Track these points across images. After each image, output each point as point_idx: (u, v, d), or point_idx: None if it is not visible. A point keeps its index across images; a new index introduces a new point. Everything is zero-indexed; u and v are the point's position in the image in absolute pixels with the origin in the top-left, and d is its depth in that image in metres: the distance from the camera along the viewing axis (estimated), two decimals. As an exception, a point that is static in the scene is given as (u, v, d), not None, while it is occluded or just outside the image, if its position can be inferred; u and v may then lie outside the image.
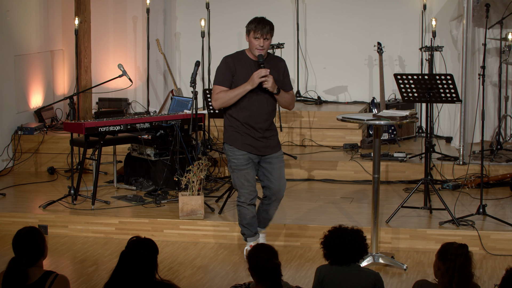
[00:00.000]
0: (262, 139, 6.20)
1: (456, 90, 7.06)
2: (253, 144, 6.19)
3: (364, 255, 4.64)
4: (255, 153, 6.21)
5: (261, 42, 6.03)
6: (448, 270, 4.10)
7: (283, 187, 6.35)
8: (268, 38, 6.05)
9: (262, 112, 6.16)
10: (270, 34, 6.08)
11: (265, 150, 6.23)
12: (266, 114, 6.19)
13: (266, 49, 6.10)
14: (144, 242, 4.04)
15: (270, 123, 6.26)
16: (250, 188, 6.24)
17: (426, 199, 7.38)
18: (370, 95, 10.40)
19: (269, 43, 6.07)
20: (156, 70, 10.92)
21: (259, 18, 6.13)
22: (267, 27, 6.05)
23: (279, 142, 6.37)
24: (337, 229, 4.57)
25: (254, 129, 6.18)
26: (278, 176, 6.28)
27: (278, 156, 6.29)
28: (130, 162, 8.49)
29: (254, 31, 6.04)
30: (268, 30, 6.05)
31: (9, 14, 9.43)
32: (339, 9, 10.68)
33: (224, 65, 6.16)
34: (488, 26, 8.97)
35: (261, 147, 6.21)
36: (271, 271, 4.10)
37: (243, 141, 6.19)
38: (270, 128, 6.26)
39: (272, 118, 6.28)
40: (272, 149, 6.27)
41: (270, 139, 6.25)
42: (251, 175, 6.23)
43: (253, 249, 4.21)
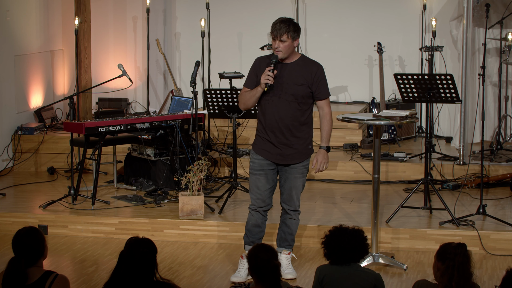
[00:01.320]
0: (281, 146, 5.93)
1: (456, 90, 7.06)
2: (270, 150, 5.97)
3: (365, 256, 4.63)
4: (272, 160, 5.98)
5: (276, 43, 5.84)
6: (447, 269, 4.10)
7: (295, 198, 6.06)
8: (284, 40, 5.80)
9: (281, 118, 5.91)
10: (288, 36, 5.79)
11: (282, 158, 5.96)
12: (286, 120, 5.89)
13: (284, 51, 5.82)
14: (142, 241, 4.05)
15: (295, 129, 5.93)
16: (258, 196, 6.07)
17: (426, 199, 7.38)
18: (370, 95, 10.40)
19: (287, 45, 5.80)
20: (156, 70, 10.92)
21: (280, 19, 5.91)
22: (282, 29, 5.81)
23: (303, 153, 6.00)
24: (338, 229, 4.57)
25: (274, 134, 5.94)
26: (290, 186, 6.03)
27: (295, 167, 5.99)
28: (130, 162, 8.49)
29: (271, 32, 5.88)
30: (284, 31, 5.80)
31: (9, 14, 9.43)
32: (339, 9, 10.68)
33: (252, 65, 6.03)
34: (488, 26, 8.97)
35: (277, 154, 5.96)
36: (271, 271, 4.11)
37: (261, 146, 6.01)
38: (295, 136, 5.94)
39: (297, 125, 5.92)
40: (291, 159, 5.97)
41: (291, 147, 5.94)
42: (262, 182, 6.03)
43: (253, 249, 4.21)
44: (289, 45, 5.84)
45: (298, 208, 6.14)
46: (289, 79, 5.89)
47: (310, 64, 5.99)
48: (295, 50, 5.99)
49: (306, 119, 5.97)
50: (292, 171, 6.01)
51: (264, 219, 6.16)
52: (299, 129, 5.95)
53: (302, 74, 5.91)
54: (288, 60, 5.93)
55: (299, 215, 6.18)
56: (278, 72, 5.90)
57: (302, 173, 6.05)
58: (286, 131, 5.93)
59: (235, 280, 6.11)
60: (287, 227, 6.16)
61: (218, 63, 10.15)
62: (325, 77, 6.07)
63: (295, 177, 6.03)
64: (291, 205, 6.09)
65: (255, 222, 6.13)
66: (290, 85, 5.87)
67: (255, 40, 10.54)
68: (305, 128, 5.99)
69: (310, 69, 5.94)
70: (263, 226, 6.18)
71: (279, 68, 5.91)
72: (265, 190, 6.04)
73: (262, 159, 6.01)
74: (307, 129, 6.01)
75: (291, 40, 5.84)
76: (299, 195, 6.10)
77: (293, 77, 5.90)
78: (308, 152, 6.04)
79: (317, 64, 6.02)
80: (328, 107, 6.04)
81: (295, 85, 5.88)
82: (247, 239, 6.19)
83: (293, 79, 5.89)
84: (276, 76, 5.87)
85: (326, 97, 6.02)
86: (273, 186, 6.11)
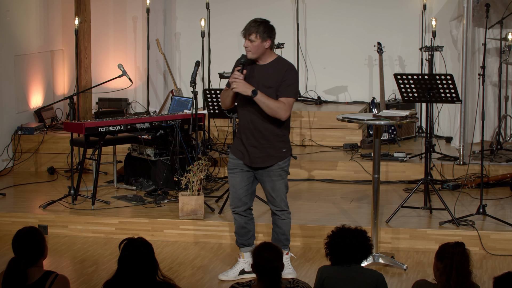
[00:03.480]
0: (251, 148, 5.88)
1: (456, 90, 7.06)
2: (243, 151, 5.94)
3: (368, 256, 4.60)
4: (245, 162, 5.94)
5: (245, 42, 5.79)
6: (445, 268, 4.10)
7: (278, 200, 5.99)
8: (253, 40, 5.76)
9: (252, 120, 5.85)
10: (256, 36, 5.74)
11: (254, 160, 5.89)
12: (256, 123, 5.84)
13: (253, 51, 5.77)
14: (140, 242, 4.02)
15: (266, 132, 5.85)
16: (233, 194, 6.05)
17: (426, 199, 7.38)
18: (370, 95, 10.40)
19: (256, 45, 5.74)
20: (156, 70, 10.92)
21: (254, 19, 5.88)
22: (251, 28, 5.76)
23: (275, 156, 5.90)
24: (340, 229, 4.55)
25: (246, 136, 5.91)
26: (268, 188, 5.97)
27: (271, 170, 5.91)
28: (130, 162, 8.49)
29: (242, 31, 5.85)
30: (253, 31, 5.75)
31: (9, 14, 9.43)
32: (339, 9, 10.68)
33: (234, 65, 6.03)
34: (488, 26, 8.97)
35: (248, 156, 5.89)
36: (271, 271, 4.12)
37: (236, 147, 6.01)
38: (266, 139, 5.86)
39: (267, 128, 5.84)
40: (262, 162, 5.90)
41: (261, 150, 5.87)
42: (236, 181, 6.00)
43: (259, 247, 4.24)
44: (258, 46, 5.77)
45: (285, 207, 6.06)
46: (259, 81, 5.82)
47: (282, 67, 5.87)
48: (270, 51, 5.88)
49: (278, 122, 5.85)
50: (268, 173, 5.93)
51: (247, 219, 6.12)
52: (270, 132, 5.87)
53: (272, 77, 5.82)
54: (262, 62, 5.88)
55: (290, 215, 6.12)
56: (250, 73, 5.85)
57: (280, 175, 5.94)
58: (257, 134, 5.87)
59: (222, 278, 6.15)
60: (278, 227, 6.12)
61: (218, 63, 10.15)
62: (295, 80, 5.89)
63: (272, 180, 5.94)
64: (276, 206, 6.04)
65: (238, 224, 6.14)
66: (260, 87, 5.79)
67: (255, 40, 10.52)
68: (278, 131, 5.88)
69: (280, 71, 5.83)
70: (249, 226, 6.16)
71: (252, 69, 5.86)
72: (240, 188, 6.01)
73: (236, 158, 5.99)
74: (280, 132, 5.89)
75: (260, 41, 5.76)
76: (282, 197, 6.02)
77: (263, 79, 5.83)
78: (282, 155, 5.92)
79: (289, 66, 5.91)
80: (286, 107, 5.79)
81: (264, 87, 5.80)
82: (237, 242, 6.22)
83: (263, 81, 5.82)
84: (247, 76, 5.83)
85: (284, 96, 5.80)
86: (249, 185, 6.03)
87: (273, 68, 5.86)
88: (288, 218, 6.12)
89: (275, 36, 5.91)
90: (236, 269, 6.17)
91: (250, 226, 6.16)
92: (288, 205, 6.10)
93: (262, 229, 7.04)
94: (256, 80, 5.83)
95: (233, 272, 6.17)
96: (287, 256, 6.18)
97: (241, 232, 6.16)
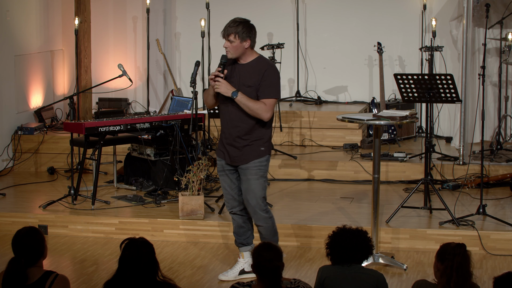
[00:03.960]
0: (229, 146, 5.89)
1: (456, 90, 7.06)
2: (224, 151, 5.95)
3: (368, 256, 4.58)
4: (227, 161, 5.94)
5: (225, 43, 5.79)
6: (446, 269, 4.10)
7: (252, 202, 5.90)
8: (232, 40, 5.73)
9: (231, 119, 5.84)
10: (235, 36, 5.73)
11: (233, 159, 5.89)
12: (234, 121, 5.83)
13: (233, 51, 5.77)
14: (140, 242, 4.02)
15: (244, 130, 5.83)
16: (228, 196, 6.05)
17: (426, 199, 7.38)
18: (370, 95, 10.40)
19: (235, 46, 5.74)
20: (156, 70, 10.92)
21: (233, 19, 5.86)
22: (230, 29, 5.76)
23: (252, 154, 5.86)
24: (341, 229, 4.56)
25: (225, 135, 5.92)
26: (243, 188, 5.93)
27: (247, 168, 5.86)
28: (130, 162, 8.49)
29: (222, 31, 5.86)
30: (231, 31, 5.73)
31: (9, 14, 9.43)
32: (339, 9, 10.68)
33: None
34: (488, 26, 8.97)
35: (227, 154, 5.90)
36: (271, 271, 4.12)
37: (219, 147, 6.03)
38: (244, 138, 5.84)
39: (245, 127, 5.83)
40: (239, 160, 5.88)
41: (239, 149, 5.86)
42: (227, 182, 6.00)
43: (259, 247, 4.24)
44: (237, 46, 5.76)
45: (261, 212, 5.95)
46: (239, 80, 5.83)
47: (262, 66, 5.84)
48: (251, 51, 5.85)
49: (257, 121, 5.82)
50: (245, 172, 5.90)
51: (246, 217, 6.10)
52: (248, 131, 5.84)
53: (251, 76, 5.81)
54: (242, 61, 5.87)
55: (269, 218, 5.99)
56: (232, 72, 5.85)
57: (256, 174, 5.88)
58: (235, 132, 5.86)
59: (222, 278, 6.14)
60: (260, 233, 6.08)
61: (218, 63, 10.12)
62: (275, 79, 5.86)
63: (248, 179, 5.89)
64: (250, 210, 5.96)
65: (237, 224, 6.14)
66: (240, 86, 5.80)
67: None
68: (256, 130, 5.86)
69: (260, 71, 5.81)
70: (247, 225, 6.15)
71: (233, 69, 5.87)
72: (233, 188, 6.00)
73: (220, 159, 6.01)
74: (258, 131, 5.87)
75: (239, 41, 5.74)
76: (258, 199, 5.91)
77: (243, 78, 5.83)
78: (260, 154, 5.87)
79: (269, 65, 5.86)
80: (266, 108, 5.78)
81: (244, 87, 5.80)
82: (236, 242, 6.22)
83: (243, 80, 5.83)
84: (228, 76, 5.84)
85: (265, 97, 5.79)
86: (239, 185, 6.02)
87: (254, 67, 5.85)
88: (267, 223, 6.00)
89: (255, 35, 5.87)
90: (236, 269, 6.18)
91: (248, 225, 6.16)
92: (267, 209, 5.98)
93: (262, 229, 7.04)
94: (237, 79, 5.84)
95: (233, 272, 6.18)
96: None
97: (239, 231, 6.16)
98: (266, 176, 5.98)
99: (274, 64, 5.96)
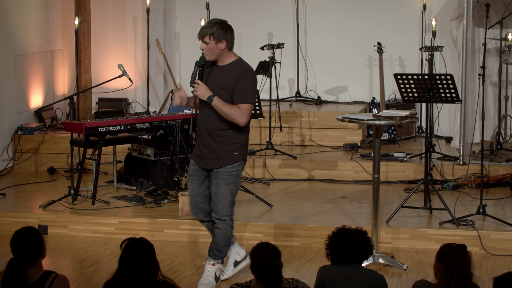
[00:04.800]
0: (204, 149, 5.83)
1: (456, 90, 7.06)
2: (198, 153, 5.90)
3: (368, 256, 4.57)
4: (200, 164, 5.88)
5: (201, 45, 5.73)
6: (447, 270, 4.10)
7: (219, 206, 5.83)
8: (207, 42, 5.65)
9: (205, 121, 5.79)
10: (210, 38, 5.65)
11: (203, 162, 5.85)
12: (208, 124, 5.77)
13: (209, 53, 5.70)
14: (141, 242, 4.02)
15: (219, 134, 5.78)
16: (191, 202, 5.99)
17: (426, 199, 7.37)
18: (370, 95, 10.40)
19: (211, 47, 5.66)
20: (156, 70, 10.92)
21: (210, 20, 5.81)
22: (204, 31, 5.68)
23: (225, 159, 5.80)
24: (341, 229, 4.56)
25: (199, 138, 5.88)
26: (213, 192, 5.85)
27: (218, 172, 5.80)
28: (130, 162, 8.49)
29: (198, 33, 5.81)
30: (205, 33, 5.65)
31: (9, 14, 9.43)
32: (339, 9, 10.68)
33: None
34: (488, 26, 8.97)
35: (201, 157, 5.85)
36: (271, 271, 4.12)
37: (194, 151, 5.98)
38: (217, 141, 5.78)
39: (219, 130, 5.77)
40: (212, 164, 5.82)
41: (213, 152, 5.80)
42: (193, 188, 5.94)
43: (257, 247, 4.23)
44: (213, 47, 5.68)
45: (225, 217, 5.89)
46: (215, 82, 5.77)
47: (239, 69, 5.75)
48: (229, 52, 5.77)
49: (231, 125, 5.76)
50: (215, 175, 5.84)
51: (212, 222, 5.99)
52: (221, 134, 5.78)
53: (227, 79, 5.73)
54: (220, 63, 5.80)
55: (230, 226, 5.94)
56: (209, 74, 5.80)
57: (225, 180, 5.81)
58: (207, 136, 5.81)
59: (222, 278, 6.08)
60: (214, 236, 6.01)
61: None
62: (250, 84, 5.76)
63: (218, 183, 5.82)
64: (215, 212, 5.89)
65: (209, 231, 6.11)
66: (215, 89, 5.73)
67: (255, 40, 10.54)
68: (230, 134, 5.79)
69: (236, 75, 5.72)
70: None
71: (210, 71, 5.81)
72: (197, 195, 5.94)
73: (194, 163, 5.95)
74: (232, 135, 5.80)
75: (214, 42, 5.66)
76: (225, 203, 5.84)
77: (219, 81, 5.77)
78: (233, 159, 5.81)
79: (246, 69, 5.77)
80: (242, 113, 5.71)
81: (218, 89, 5.73)
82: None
83: (218, 83, 5.76)
84: (206, 77, 5.79)
85: (240, 102, 5.71)
86: (206, 191, 5.94)
87: (230, 70, 5.76)
88: (226, 229, 5.94)
89: (231, 36, 5.75)
90: (230, 264, 6.13)
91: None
92: (231, 216, 5.93)
93: (262, 229, 7.05)
94: (213, 81, 5.78)
95: (229, 268, 6.14)
96: (212, 266, 6.01)
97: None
98: (238, 181, 5.89)
99: (252, 68, 5.85)
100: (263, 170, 8.84)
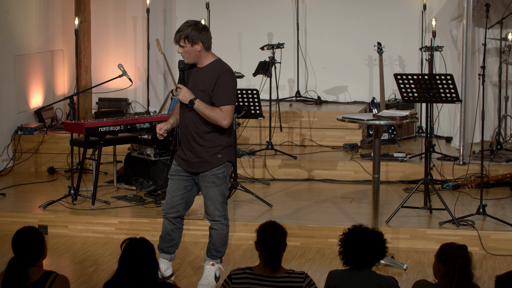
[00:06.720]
0: (187, 152, 5.79)
1: (456, 90, 7.07)
2: (181, 156, 5.86)
3: (380, 260, 4.39)
4: (181, 166, 5.85)
5: (178, 48, 5.69)
6: (448, 271, 4.09)
7: (211, 208, 5.85)
8: (183, 45, 5.60)
9: (186, 124, 5.75)
10: (185, 41, 5.59)
11: (188, 166, 5.81)
12: (189, 127, 5.74)
13: (186, 56, 5.66)
14: (141, 242, 4.02)
15: (201, 137, 5.74)
16: (167, 200, 5.95)
17: (426, 199, 7.38)
18: (370, 95, 10.40)
19: (187, 50, 5.61)
20: (156, 70, 10.92)
21: (185, 22, 5.71)
22: (179, 34, 5.61)
23: (209, 162, 5.77)
24: (357, 228, 4.37)
25: (182, 141, 5.85)
26: (204, 195, 5.86)
27: (204, 176, 5.78)
28: (130, 162, 8.49)
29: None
30: (180, 36, 5.59)
31: (9, 14, 9.43)
32: (339, 9, 10.69)
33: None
34: (488, 26, 8.97)
35: (185, 161, 5.81)
36: (271, 244, 4.27)
37: (178, 153, 5.93)
38: (200, 144, 5.74)
39: (200, 133, 5.74)
40: (197, 167, 5.78)
41: (196, 155, 5.77)
42: (173, 187, 5.90)
43: (264, 224, 4.40)
44: (189, 50, 5.63)
45: (219, 218, 5.89)
46: (194, 85, 5.72)
47: (216, 70, 5.69)
48: (206, 53, 5.71)
49: (213, 127, 5.71)
50: (203, 179, 5.82)
51: (175, 227, 5.99)
52: (203, 137, 5.75)
53: (205, 80, 5.68)
54: (200, 65, 5.74)
55: (225, 226, 5.95)
56: (189, 76, 5.76)
57: (213, 183, 5.79)
58: (191, 139, 5.77)
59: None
60: (211, 237, 6.01)
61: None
62: (229, 85, 5.70)
63: (206, 186, 5.81)
64: (209, 214, 5.91)
65: (165, 229, 6.04)
66: (195, 91, 5.69)
67: (255, 40, 10.55)
68: (212, 136, 5.75)
69: (213, 76, 5.66)
70: (175, 235, 6.03)
71: (190, 73, 5.77)
72: (176, 195, 5.91)
73: (177, 165, 5.91)
74: (214, 137, 5.76)
75: (190, 45, 5.61)
76: (216, 205, 5.85)
77: (197, 83, 5.72)
78: (216, 162, 5.77)
79: (223, 70, 5.71)
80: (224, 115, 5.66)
81: (198, 91, 5.69)
82: (159, 245, 6.05)
83: (197, 85, 5.72)
84: (187, 79, 5.74)
85: (221, 105, 5.67)
86: (185, 194, 5.92)
87: (208, 71, 5.71)
88: (222, 229, 5.93)
89: (207, 37, 5.68)
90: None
91: (175, 235, 6.04)
92: (225, 215, 5.93)
93: (262, 229, 7.04)
94: (193, 83, 5.74)
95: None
96: (212, 267, 6.02)
97: (165, 238, 6.04)
98: (226, 181, 5.88)
99: (230, 68, 5.80)
100: (263, 170, 8.85)
